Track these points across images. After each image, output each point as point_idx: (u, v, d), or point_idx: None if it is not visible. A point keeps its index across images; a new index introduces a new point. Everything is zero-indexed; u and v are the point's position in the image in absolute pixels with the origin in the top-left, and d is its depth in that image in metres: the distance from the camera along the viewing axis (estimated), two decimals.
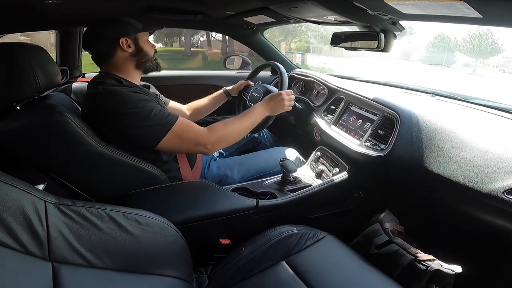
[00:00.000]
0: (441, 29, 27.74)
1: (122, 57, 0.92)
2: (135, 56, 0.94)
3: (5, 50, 0.77)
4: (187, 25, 1.66)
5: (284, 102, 1.07)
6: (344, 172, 1.10)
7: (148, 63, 0.97)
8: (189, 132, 0.89)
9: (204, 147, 0.91)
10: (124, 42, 0.91)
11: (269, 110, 1.06)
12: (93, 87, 0.89)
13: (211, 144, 0.91)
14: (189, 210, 0.85)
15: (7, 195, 0.45)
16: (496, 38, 21.28)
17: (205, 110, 1.35)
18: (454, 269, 0.76)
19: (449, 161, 0.81)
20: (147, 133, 0.83)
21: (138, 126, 0.82)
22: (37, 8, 1.09)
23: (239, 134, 0.99)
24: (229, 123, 0.96)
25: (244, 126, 1.00)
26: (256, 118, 1.03)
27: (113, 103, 0.82)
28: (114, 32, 0.90)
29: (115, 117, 0.82)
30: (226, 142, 0.97)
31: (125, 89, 0.86)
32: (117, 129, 0.83)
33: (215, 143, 0.92)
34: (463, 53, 23.03)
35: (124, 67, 0.93)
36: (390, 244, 0.87)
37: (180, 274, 0.66)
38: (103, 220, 0.55)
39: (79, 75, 1.65)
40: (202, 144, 0.90)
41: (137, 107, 0.83)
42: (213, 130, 0.92)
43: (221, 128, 0.94)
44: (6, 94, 0.76)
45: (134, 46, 0.93)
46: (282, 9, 1.06)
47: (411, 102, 1.03)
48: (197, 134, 0.90)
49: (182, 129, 0.88)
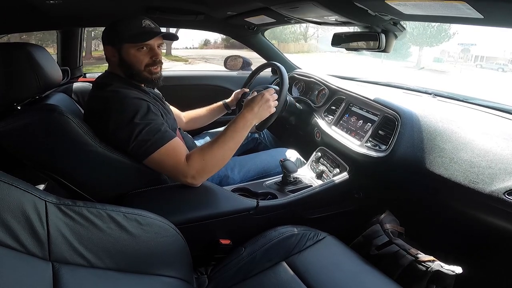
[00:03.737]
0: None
1: (113, 64, 0.91)
2: (120, 67, 0.90)
3: (5, 50, 0.77)
4: (187, 26, 1.66)
5: (270, 103, 0.95)
6: (345, 172, 1.10)
7: (136, 76, 0.90)
8: (169, 160, 0.81)
9: (184, 179, 0.83)
10: (109, 50, 0.89)
11: (256, 117, 0.93)
12: (99, 88, 0.88)
13: (191, 177, 0.82)
14: (189, 210, 0.85)
15: (8, 195, 0.45)
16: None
17: (202, 121, 1.33)
18: (455, 270, 0.76)
19: (450, 162, 0.81)
20: (137, 148, 0.80)
21: (130, 140, 0.79)
22: (39, 8, 1.09)
23: (222, 160, 0.87)
24: (206, 152, 0.84)
25: (227, 149, 0.86)
26: (240, 135, 0.89)
27: (116, 109, 0.80)
28: (105, 37, 0.90)
29: (114, 124, 0.80)
30: (209, 171, 0.85)
31: (130, 93, 0.84)
32: (115, 135, 0.81)
33: (196, 176, 0.82)
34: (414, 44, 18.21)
35: (126, 70, 0.91)
36: (390, 245, 0.87)
37: (180, 274, 0.66)
38: (104, 220, 0.55)
39: (80, 75, 1.66)
40: (181, 176, 0.82)
41: (137, 117, 0.79)
42: (190, 162, 0.82)
43: (197, 159, 0.82)
44: (7, 94, 0.76)
45: (119, 57, 0.89)
46: (283, 10, 1.06)
47: (412, 103, 1.03)
48: (176, 164, 0.81)
49: (166, 154, 0.81)
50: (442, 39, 17.58)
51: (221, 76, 1.86)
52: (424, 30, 17.10)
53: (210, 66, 11.30)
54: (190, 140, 1.16)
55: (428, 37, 17.35)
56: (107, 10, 1.26)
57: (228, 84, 1.76)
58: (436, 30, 17.11)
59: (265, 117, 0.96)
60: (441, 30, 17.15)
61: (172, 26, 1.69)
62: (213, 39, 19.79)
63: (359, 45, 1.08)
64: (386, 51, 1.00)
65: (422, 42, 17.58)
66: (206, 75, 1.86)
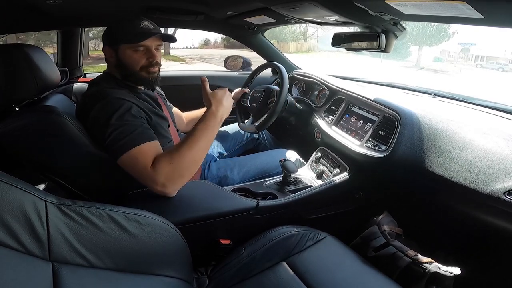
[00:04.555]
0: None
1: (111, 65, 0.92)
2: (116, 68, 0.91)
3: (2, 51, 0.77)
4: (188, 26, 1.67)
5: (230, 97, 0.93)
6: (345, 173, 1.10)
7: (131, 77, 0.90)
8: (138, 163, 0.75)
9: (154, 187, 0.76)
10: (107, 50, 0.89)
11: (225, 110, 0.89)
12: (88, 88, 0.90)
13: (161, 184, 0.75)
14: (189, 211, 0.85)
15: (7, 195, 0.45)
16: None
17: None
18: (453, 271, 0.76)
19: (450, 162, 0.81)
20: (110, 147, 0.77)
21: (104, 139, 0.78)
22: (39, 8, 1.09)
23: (193, 163, 0.79)
24: (174, 155, 0.76)
25: (198, 149, 0.79)
26: (211, 132, 0.83)
27: (96, 108, 0.80)
28: (104, 38, 0.90)
29: (96, 122, 0.80)
30: (180, 177, 0.77)
31: (114, 93, 0.83)
32: (92, 133, 0.82)
33: (166, 183, 0.75)
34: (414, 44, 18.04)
35: (117, 72, 0.92)
36: (388, 246, 0.87)
37: (180, 274, 0.66)
38: (104, 220, 0.55)
39: (80, 75, 1.66)
40: (150, 183, 0.75)
41: (113, 118, 0.78)
42: (156, 167, 0.74)
43: (164, 163, 0.75)
44: (5, 96, 0.76)
45: (116, 58, 0.89)
46: (283, 10, 1.06)
47: (412, 103, 1.03)
48: (143, 169, 0.75)
49: (134, 158, 0.76)
50: (441, 38, 17.56)
51: (221, 76, 1.86)
52: (424, 29, 17.05)
53: (207, 66, 11.29)
54: None
55: (428, 36, 17.29)
56: (107, 10, 1.26)
57: (228, 84, 1.76)
58: (436, 29, 17.08)
59: (231, 108, 0.93)
60: (440, 30, 17.11)
61: (172, 26, 1.68)
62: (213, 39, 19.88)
63: (359, 45, 1.08)
64: (386, 51, 1.00)
65: (422, 41, 17.54)
66: (206, 75, 1.85)
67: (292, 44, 20.22)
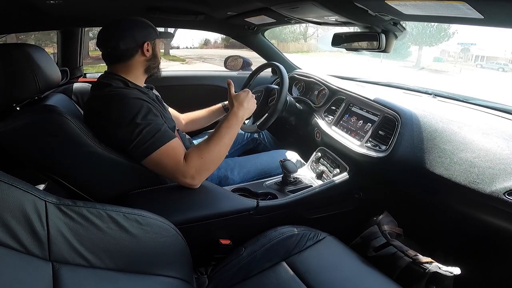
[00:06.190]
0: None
1: (139, 60, 0.92)
2: (149, 61, 0.94)
3: (4, 51, 0.77)
4: (188, 26, 1.67)
5: (254, 99, 1.01)
6: (345, 173, 1.10)
7: (155, 69, 0.97)
8: (169, 160, 0.81)
9: (183, 180, 0.82)
10: (146, 46, 0.91)
11: (246, 112, 0.97)
12: (98, 89, 0.88)
13: (191, 177, 0.82)
14: (189, 211, 0.85)
15: (8, 195, 0.45)
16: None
17: (201, 123, 1.33)
18: (453, 271, 0.76)
19: (450, 162, 0.81)
20: (137, 148, 0.80)
21: (130, 139, 0.79)
22: (39, 8, 1.09)
23: (219, 157, 0.88)
24: (203, 149, 0.85)
25: (223, 145, 0.88)
26: (233, 131, 0.92)
27: (116, 109, 0.81)
28: (141, 34, 0.91)
29: (119, 122, 0.80)
30: (207, 170, 0.86)
31: (131, 93, 0.84)
32: (115, 135, 0.81)
33: (195, 175, 0.82)
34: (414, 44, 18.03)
35: (134, 70, 0.92)
36: (388, 246, 0.87)
37: (180, 274, 0.66)
38: (104, 220, 0.55)
39: (80, 75, 1.66)
40: (181, 177, 0.82)
41: (138, 117, 0.80)
42: (188, 161, 0.82)
43: (196, 157, 0.83)
44: (6, 95, 0.76)
45: (152, 51, 0.93)
46: (283, 10, 1.06)
47: (412, 103, 1.03)
48: (175, 164, 0.81)
49: (165, 155, 0.81)
50: (441, 38, 17.52)
51: (221, 76, 1.85)
52: (424, 29, 17.02)
53: (207, 66, 11.27)
54: (188, 141, 1.16)
55: (428, 36, 17.27)
56: (107, 10, 1.26)
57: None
58: (436, 29, 17.04)
59: (253, 110, 1.01)
60: (440, 30, 17.07)
61: (172, 26, 1.68)
62: (213, 39, 19.86)
63: (359, 45, 1.08)
64: (386, 51, 1.00)
65: (422, 41, 17.50)
66: (206, 75, 1.86)
67: (292, 44, 20.22)
